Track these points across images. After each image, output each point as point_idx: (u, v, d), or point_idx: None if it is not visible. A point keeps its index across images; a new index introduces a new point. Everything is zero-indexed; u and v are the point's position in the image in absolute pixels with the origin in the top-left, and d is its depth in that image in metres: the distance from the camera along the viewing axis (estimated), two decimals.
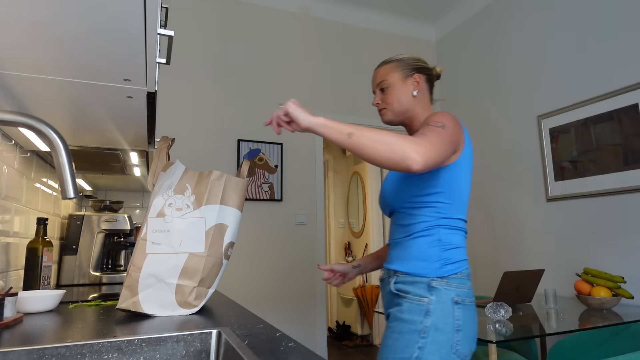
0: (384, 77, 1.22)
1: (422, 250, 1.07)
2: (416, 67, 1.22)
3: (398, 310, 1.05)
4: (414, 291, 1.04)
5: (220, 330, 0.79)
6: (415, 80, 1.20)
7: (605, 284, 1.99)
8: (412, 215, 1.11)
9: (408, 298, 1.04)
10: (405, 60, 1.23)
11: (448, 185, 1.08)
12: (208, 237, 1.02)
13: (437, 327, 0.99)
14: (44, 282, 1.38)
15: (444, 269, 1.04)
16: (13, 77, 0.85)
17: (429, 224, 1.08)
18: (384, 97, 1.22)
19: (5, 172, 1.23)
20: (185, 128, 2.82)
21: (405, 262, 1.08)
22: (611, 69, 2.35)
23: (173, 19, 2.90)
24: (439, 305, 1.01)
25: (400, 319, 1.03)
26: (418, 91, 1.20)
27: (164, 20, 0.95)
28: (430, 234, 1.07)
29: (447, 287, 1.03)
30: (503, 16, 3.11)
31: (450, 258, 1.06)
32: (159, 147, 1.13)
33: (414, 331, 0.99)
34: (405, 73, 1.21)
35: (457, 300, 1.03)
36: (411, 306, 1.02)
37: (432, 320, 0.99)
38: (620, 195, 2.26)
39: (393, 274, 1.12)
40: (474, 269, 3.24)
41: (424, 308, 1.01)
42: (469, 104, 3.39)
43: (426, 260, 1.05)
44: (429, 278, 1.03)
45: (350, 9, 3.43)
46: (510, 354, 2.14)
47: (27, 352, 0.68)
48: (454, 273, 1.05)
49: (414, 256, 1.07)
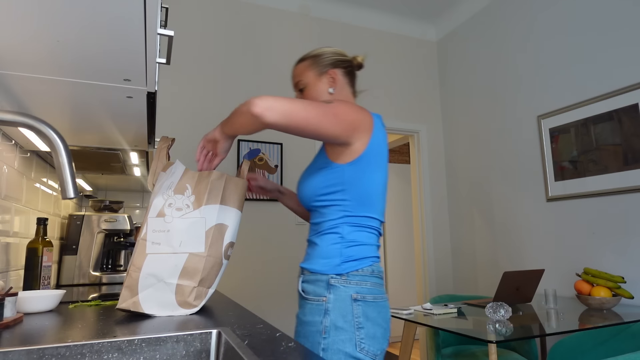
0: (300, 76, 1.18)
1: (324, 248, 1.04)
2: (331, 61, 1.17)
3: (301, 313, 1.04)
4: (314, 291, 1.02)
5: (220, 330, 0.79)
6: (331, 76, 1.16)
7: (605, 284, 1.99)
8: (321, 214, 1.08)
9: (309, 299, 1.02)
10: (320, 55, 1.17)
11: (352, 183, 1.04)
12: (208, 237, 1.02)
13: (337, 325, 0.96)
14: (44, 282, 1.38)
15: (343, 266, 1.01)
16: (13, 77, 0.85)
17: (335, 222, 1.05)
18: (302, 97, 1.18)
19: (5, 172, 1.23)
20: (185, 128, 2.82)
21: (310, 260, 1.06)
22: (611, 69, 2.35)
23: (173, 19, 2.90)
24: (337, 303, 0.98)
25: (303, 322, 1.01)
26: (335, 87, 1.16)
27: (164, 20, 0.95)
28: (334, 232, 1.04)
29: (346, 284, 0.99)
30: (503, 16, 3.11)
31: (351, 255, 1.02)
32: (159, 147, 1.13)
33: (316, 332, 0.97)
34: (320, 70, 1.16)
35: (357, 297, 0.99)
36: (311, 307, 1.00)
37: (330, 319, 0.97)
38: (620, 195, 2.27)
39: (301, 272, 1.10)
40: (474, 269, 3.24)
41: (323, 307, 0.98)
42: (469, 104, 3.39)
43: (327, 258, 1.03)
44: (328, 276, 1.01)
45: (350, 9, 3.43)
46: (510, 354, 2.14)
47: (27, 352, 0.68)
48: (354, 270, 1.01)
49: (318, 254, 1.05)
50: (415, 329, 2.00)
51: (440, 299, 2.47)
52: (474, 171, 3.29)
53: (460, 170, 3.45)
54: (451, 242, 3.50)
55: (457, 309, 2.02)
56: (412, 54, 3.70)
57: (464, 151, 3.41)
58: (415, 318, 1.84)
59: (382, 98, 3.49)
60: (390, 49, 3.61)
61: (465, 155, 3.41)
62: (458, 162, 3.48)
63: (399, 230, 4.78)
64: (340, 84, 1.17)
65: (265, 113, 0.89)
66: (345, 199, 1.04)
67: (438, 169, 3.60)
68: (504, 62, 3.07)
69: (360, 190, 1.04)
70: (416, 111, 3.61)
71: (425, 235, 3.43)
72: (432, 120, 3.66)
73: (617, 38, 2.33)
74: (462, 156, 3.44)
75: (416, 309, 2.05)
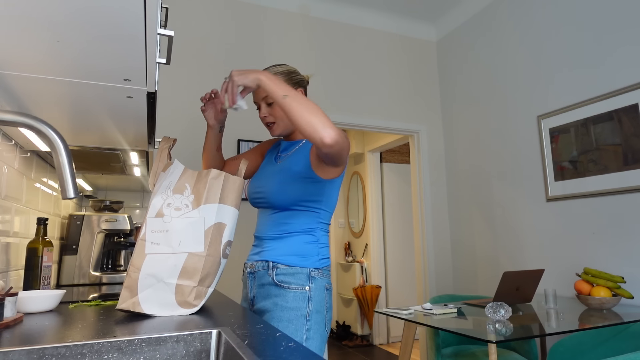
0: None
1: (302, 247, 1.23)
2: (298, 80, 1.32)
3: (282, 300, 1.17)
4: (296, 282, 1.19)
5: (220, 330, 0.79)
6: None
7: (605, 284, 1.99)
8: (294, 216, 1.24)
9: (291, 288, 1.18)
10: (287, 74, 1.30)
11: (328, 197, 1.26)
12: (207, 237, 1.02)
13: (317, 310, 1.18)
14: (44, 282, 1.38)
15: (320, 262, 1.24)
16: (13, 77, 0.85)
17: (310, 225, 1.25)
18: (272, 111, 1.28)
19: (5, 172, 1.23)
20: (185, 128, 2.82)
21: (287, 257, 1.22)
22: (611, 69, 2.35)
23: (173, 19, 2.90)
24: (317, 291, 1.20)
25: (286, 308, 1.16)
26: None
27: (164, 20, 0.95)
28: (310, 234, 1.25)
29: (322, 276, 1.22)
30: (503, 16, 3.11)
31: (324, 254, 1.26)
32: (160, 147, 1.13)
33: (301, 316, 1.16)
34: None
35: (327, 287, 1.23)
36: (295, 295, 1.17)
37: (313, 304, 1.18)
38: (620, 195, 2.27)
39: (272, 266, 1.22)
40: (474, 269, 3.24)
41: (306, 295, 1.18)
42: (469, 104, 3.39)
43: (305, 255, 1.22)
44: (308, 269, 1.21)
45: (350, 9, 3.43)
46: (510, 354, 2.14)
47: (27, 352, 0.68)
48: (326, 266, 1.26)
49: (292, 251, 1.22)
50: (415, 329, 2.00)
51: (440, 299, 2.47)
52: (474, 171, 3.29)
53: (460, 170, 3.45)
54: (451, 242, 3.50)
55: (457, 309, 2.02)
56: (412, 54, 3.70)
57: (464, 151, 3.41)
58: (415, 318, 1.84)
59: (382, 98, 3.49)
60: (390, 49, 3.61)
61: (465, 155, 3.41)
62: (458, 162, 3.48)
63: (399, 230, 4.78)
64: None
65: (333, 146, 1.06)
66: (321, 208, 1.26)
67: (438, 169, 3.60)
68: (504, 62, 3.08)
69: (332, 203, 1.28)
70: (416, 111, 3.61)
71: (425, 235, 3.43)
72: (432, 120, 3.66)
73: (617, 38, 2.33)
74: (462, 156, 3.44)
75: (416, 309, 2.05)
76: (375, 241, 4.64)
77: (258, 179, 1.33)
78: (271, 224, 1.27)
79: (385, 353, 4.11)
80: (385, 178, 4.83)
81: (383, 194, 4.79)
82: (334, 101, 3.31)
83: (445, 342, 2.40)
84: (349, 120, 3.31)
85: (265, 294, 1.22)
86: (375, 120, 3.39)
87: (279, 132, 1.30)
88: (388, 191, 4.81)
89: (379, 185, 4.80)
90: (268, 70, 1.30)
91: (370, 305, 4.38)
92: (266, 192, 1.26)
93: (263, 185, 1.28)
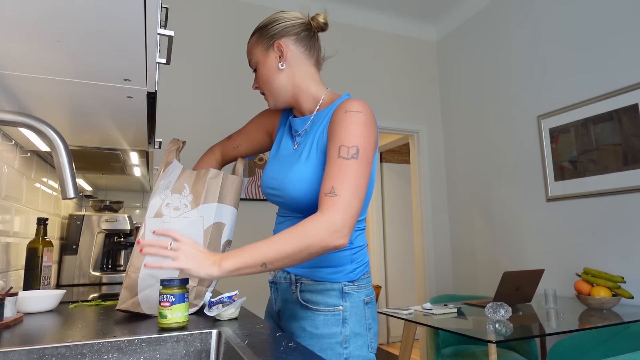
0: (250, 54, 1.02)
1: (331, 255, 0.95)
2: (276, 31, 0.99)
3: (311, 326, 0.94)
4: (326, 301, 0.94)
5: (220, 330, 0.79)
6: (278, 49, 0.98)
7: (605, 284, 1.99)
8: None
9: (320, 310, 0.94)
10: (265, 26, 1.00)
11: None
12: (207, 236, 1.01)
13: (356, 332, 0.94)
14: (44, 282, 1.38)
15: (355, 272, 0.96)
16: (13, 77, 0.85)
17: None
18: (257, 77, 1.02)
19: (5, 172, 1.23)
20: (185, 128, 2.82)
21: (312, 269, 0.96)
22: (611, 69, 2.35)
23: (173, 19, 2.90)
24: (353, 310, 0.94)
25: (316, 336, 0.93)
26: (285, 62, 0.99)
27: (164, 20, 0.95)
28: None
29: (358, 289, 0.96)
30: (503, 16, 3.11)
31: (360, 260, 0.98)
32: (168, 148, 1.14)
33: (336, 344, 0.92)
34: (266, 44, 0.99)
35: (367, 300, 0.97)
36: (326, 319, 0.93)
37: (350, 327, 0.93)
38: (620, 195, 2.26)
39: (295, 280, 0.98)
40: (474, 269, 3.24)
41: (340, 317, 0.93)
42: (469, 104, 3.39)
43: (337, 266, 0.96)
44: (341, 284, 0.94)
45: (350, 9, 3.43)
46: (510, 354, 2.14)
47: (27, 352, 0.68)
48: (362, 274, 0.98)
49: (323, 262, 0.96)
50: (415, 329, 2.00)
51: (440, 299, 2.47)
52: (474, 171, 3.29)
53: (460, 170, 3.45)
54: (451, 242, 3.50)
55: (457, 309, 2.02)
56: (412, 54, 3.70)
57: (464, 151, 3.41)
58: (415, 318, 1.84)
59: (382, 98, 3.48)
60: (390, 49, 3.60)
61: (465, 155, 3.40)
62: (458, 162, 3.48)
63: (399, 230, 4.78)
64: (293, 56, 0.99)
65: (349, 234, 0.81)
66: None
67: (438, 169, 3.60)
68: (504, 62, 3.07)
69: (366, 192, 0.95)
70: (416, 111, 3.61)
71: (425, 235, 3.43)
72: (432, 120, 3.66)
73: (617, 38, 2.33)
74: (462, 156, 3.44)
75: (416, 309, 2.05)
76: (375, 241, 4.64)
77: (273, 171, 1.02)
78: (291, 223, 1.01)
79: (385, 353, 4.11)
80: (385, 178, 4.83)
81: (383, 194, 4.79)
82: None
83: (445, 342, 2.40)
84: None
85: (291, 314, 0.99)
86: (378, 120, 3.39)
87: (271, 104, 1.04)
88: (388, 191, 4.81)
89: (379, 185, 4.80)
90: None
91: None
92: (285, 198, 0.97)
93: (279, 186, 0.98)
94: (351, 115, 0.88)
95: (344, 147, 0.86)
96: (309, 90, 1.01)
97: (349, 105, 0.90)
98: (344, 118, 0.89)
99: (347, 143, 0.86)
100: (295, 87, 1.01)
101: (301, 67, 1.01)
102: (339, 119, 0.89)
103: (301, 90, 1.01)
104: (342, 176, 0.83)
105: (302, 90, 1.01)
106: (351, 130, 0.87)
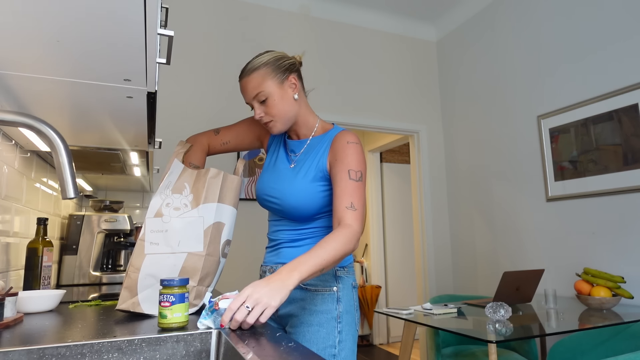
0: (259, 87, 1.12)
1: None
2: (288, 66, 1.15)
3: (310, 303, 1.12)
4: (323, 283, 1.13)
5: (220, 330, 0.79)
6: (292, 82, 1.15)
7: (605, 284, 1.99)
8: (317, 220, 1.17)
9: (319, 290, 1.13)
10: (274, 63, 1.13)
11: None
12: (207, 236, 1.01)
13: (347, 310, 1.13)
14: (44, 282, 1.38)
15: (344, 259, 1.17)
16: (13, 77, 0.85)
17: (330, 223, 1.18)
18: (267, 110, 1.13)
19: (5, 172, 1.23)
20: (186, 128, 2.82)
21: None
22: (611, 69, 2.35)
23: (173, 19, 2.90)
24: (345, 291, 1.15)
25: (315, 311, 1.11)
26: (297, 93, 1.16)
27: (164, 20, 0.95)
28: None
29: (348, 274, 1.17)
30: (503, 16, 3.11)
31: None
32: (175, 151, 1.14)
33: (331, 319, 1.11)
34: (280, 77, 1.13)
35: (354, 285, 1.18)
36: (323, 297, 1.13)
37: (343, 305, 1.13)
38: (620, 195, 2.27)
39: None
40: (474, 269, 3.24)
41: (335, 296, 1.13)
42: (469, 104, 3.39)
43: None
44: (335, 268, 1.15)
45: (350, 9, 3.43)
46: (510, 354, 2.14)
47: (27, 352, 0.68)
48: (350, 263, 1.20)
49: None
50: (415, 329, 2.00)
51: (440, 299, 2.47)
52: (474, 171, 3.29)
53: (460, 170, 3.45)
54: (451, 242, 3.50)
55: (457, 309, 2.02)
56: (412, 54, 3.70)
57: (464, 151, 3.41)
58: (415, 318, 1.84)
59: (382, 98, 3.49)
60: (390, 49, 3.61)
61: (465, 155, 3.41)
62: (458, 162, 3.48)
63: (399, 230, 4.78)
64: (299, 89, 1.18)
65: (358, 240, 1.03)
66: None
67: (438, 169, 3.60)
68: (504, 62, 3.07)
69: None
70: (416, 111, 3.61)
71: (425, 235, 3.43)
72: (432, 121, 3.66)
73: (617, 38, 2.33)
74: (462, 156, 3.44)
75: (416, 309, 2.05)
76: (375, 241, 4.64)
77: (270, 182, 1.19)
78: (288, 228, 1.19)
79: (385, 353, 4.11)
80: (385, 178, 4.83)
81: (383, 194, 4.79)
82: (334, 101, 3.31)
83: (445, 342, 2.40)
84: (349, 120, 3.31)
85: (290, 298, 1.14)
86: (375, 120, 3.39)
87: (279, 129, 1.16)
88: (388, 191, 4.81)
89: (379, 185, 4.80)
90: (252, 62, 1.13)
91: (370, 305, 4.38)
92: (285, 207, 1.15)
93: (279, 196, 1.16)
94: (352, 146, 1.12)
95: (352, 171, 1.09)
96: (307, 118, 1.21)
97: (349, 138, 1.13)
98: (347, 147, 1.11)
99: (354, 168, 1.09)
100: (299, 116, 1.19)
101: (303, 99, 1.21)
102: (342, 147, 1.12)
103: (302, 117, 1.20)
104: (356, 194, 1.06)
105: (303, 117, 1.20)
106: (355, 158, 1.10)
